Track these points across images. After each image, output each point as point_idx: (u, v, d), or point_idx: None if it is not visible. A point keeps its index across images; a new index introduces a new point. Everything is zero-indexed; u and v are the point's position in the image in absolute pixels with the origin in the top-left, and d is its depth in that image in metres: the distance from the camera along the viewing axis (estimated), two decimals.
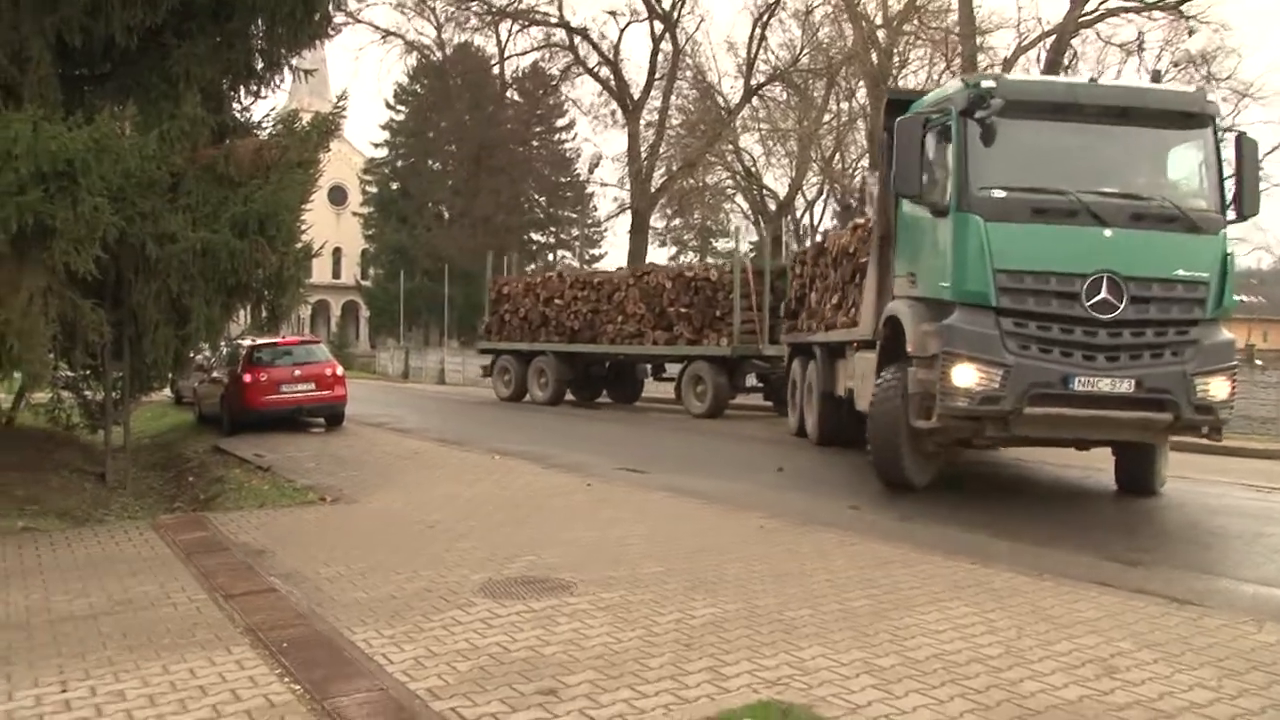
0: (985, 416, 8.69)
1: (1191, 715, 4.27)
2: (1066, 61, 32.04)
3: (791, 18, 37.35)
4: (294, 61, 12.79)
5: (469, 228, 51.74)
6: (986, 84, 8.91)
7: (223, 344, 17.20)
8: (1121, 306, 8.51)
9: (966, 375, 8.55)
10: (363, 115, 74.84)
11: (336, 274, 69.29)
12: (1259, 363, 27.13)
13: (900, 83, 32.10)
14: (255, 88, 12.84)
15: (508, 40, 46.59)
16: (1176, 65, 32.93)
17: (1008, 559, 7.12)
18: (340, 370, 19.33)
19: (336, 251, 67.30)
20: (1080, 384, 8.47)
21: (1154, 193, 8.92)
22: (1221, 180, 8.96)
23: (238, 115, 12.99)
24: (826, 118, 38.58)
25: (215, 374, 19.45)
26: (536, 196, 61.30)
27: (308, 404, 18.27)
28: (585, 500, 9.69)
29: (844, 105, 38.41)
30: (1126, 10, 30.10)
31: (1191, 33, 29.33)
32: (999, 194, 8.85)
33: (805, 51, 37.00)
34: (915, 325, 9.19)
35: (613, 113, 42.75)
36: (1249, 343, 50.48)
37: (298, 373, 18.25)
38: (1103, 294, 8.50)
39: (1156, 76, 27.59)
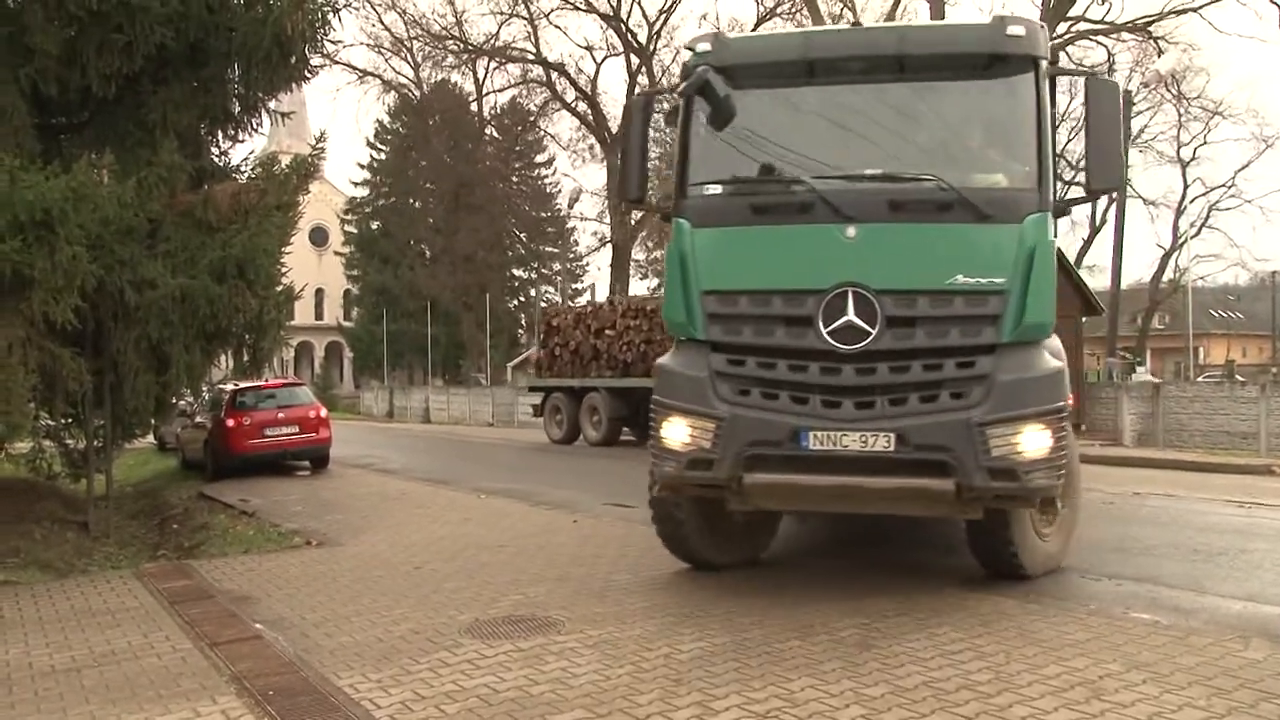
0: (701, 485, 6.54)
1: None
2: None
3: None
4: (271, 104, 12.82)
5: (450, 266, 51.86)
6: (702, 47, 6.70)
7: (205, 389, 17.12)
8: (874, 332, 6.04)
9: (676, 432, 6.44)
10: (343, 155, 75.37)
11: (319, 315, 69.24)
12: (1239, 379, 27.39)
13: None
14: (233, 132, 12.86)
15: (485, 77, 47.02)
16: (1147, 85, 33.51)
17: (995, 581, 7.12)
18: (324, 412, 19.27)
19: (319, 293, 67.33)
20: (816, 441, 6.11)
21: (928, 169, 6.23)
22: (1043, 144, 6.23)
23: (216, 160, 13.02)
24: None
25: (198, 419, 19.36)
26: (517, 232, 61.53)
27: (292, 447, 18.18)
28: (571, 537, 9.65)
29: None
30: (1097, 32, 30.62)
31: (1161, 53, 29.89)
32: (712, 190, 6.64)
33: None
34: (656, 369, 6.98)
35: (591, 147, 43.13)
36: (1229, 359, 51.02)
37: (281, 416, 18.19)
38: (847, 316, 6.07)
39: (1127, 97, 27.96)
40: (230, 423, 17.66)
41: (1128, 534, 9.17)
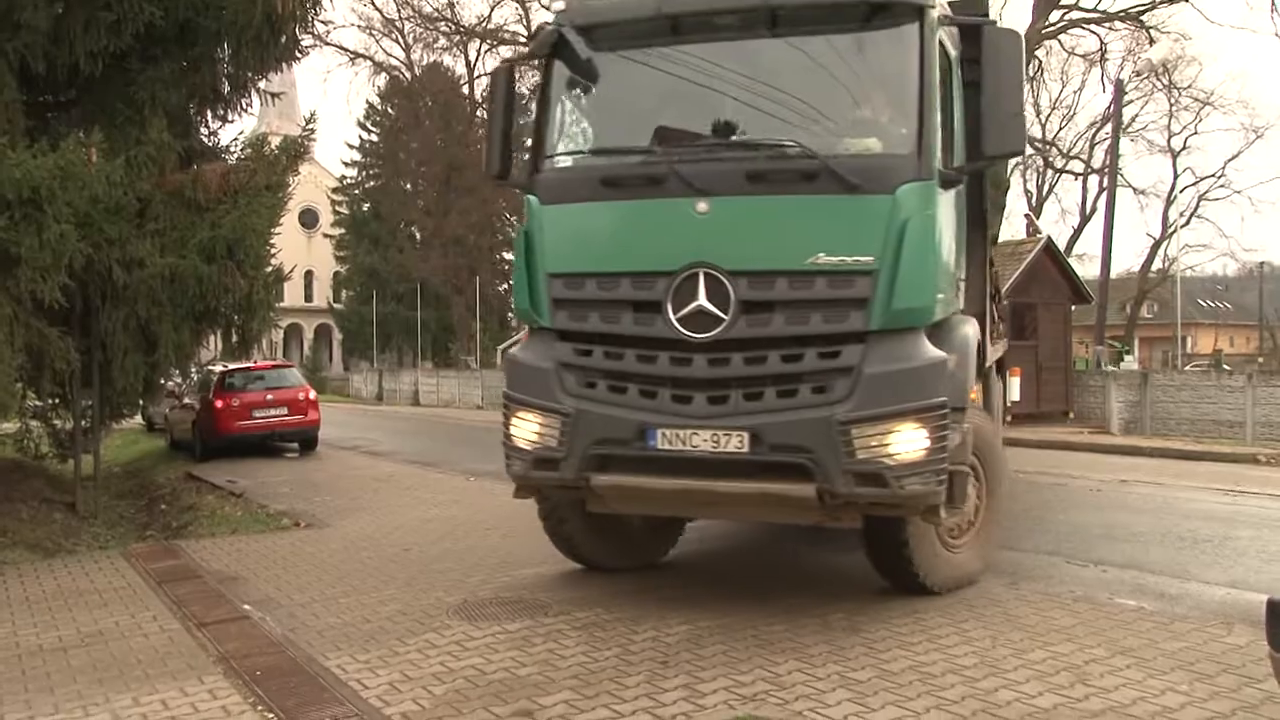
0: (550, 487, 6.09)
1: None
2: (1032, 72, 32.51)
3: None
4: (261, 85, 12.74)
5: (440, 248, 51.70)
6: (558, 5, 6.45)
7: (193, 369, 17.07)
8: (727, 319, 5.40)
9: (524, 428, 5.93)
10: (333, 137, 74.85)
11: (309, 297, 68.99)
12: (1226, 368, 27.52)
13: None
14: (222, 112, 12.79)
15: (477, 60, 46.76)
16: (1139, 74, 33.53)
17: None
18: (313, 394, 19.23)
19: (308, 274, 67.07)
20: (665, 440, 5.51)
21: (797, 135, 5.52)
22: (928, 104, 5.47)
23: (205, 140, 12.95)
24: None
25: (187, 400, 19.30)
26: (508, 215, 61.35)
27: (280, 429, 18.15)
28: None
29: None
30: (1088, 21, 30.61)
31: (1152, 42, 29.85)
32: (563, 163, 6.15)
33: None
34: None
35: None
36: (1216, 348, 51.22)
37: (270, 397, 18.15)
38: (698, 301, 5.44)
39: (1119, 86, 28.04)
40: (219, 404, 17.61)
41: (1114, 521, 9.22)
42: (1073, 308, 23.34)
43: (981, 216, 7.16)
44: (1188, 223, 42.73)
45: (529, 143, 6.25)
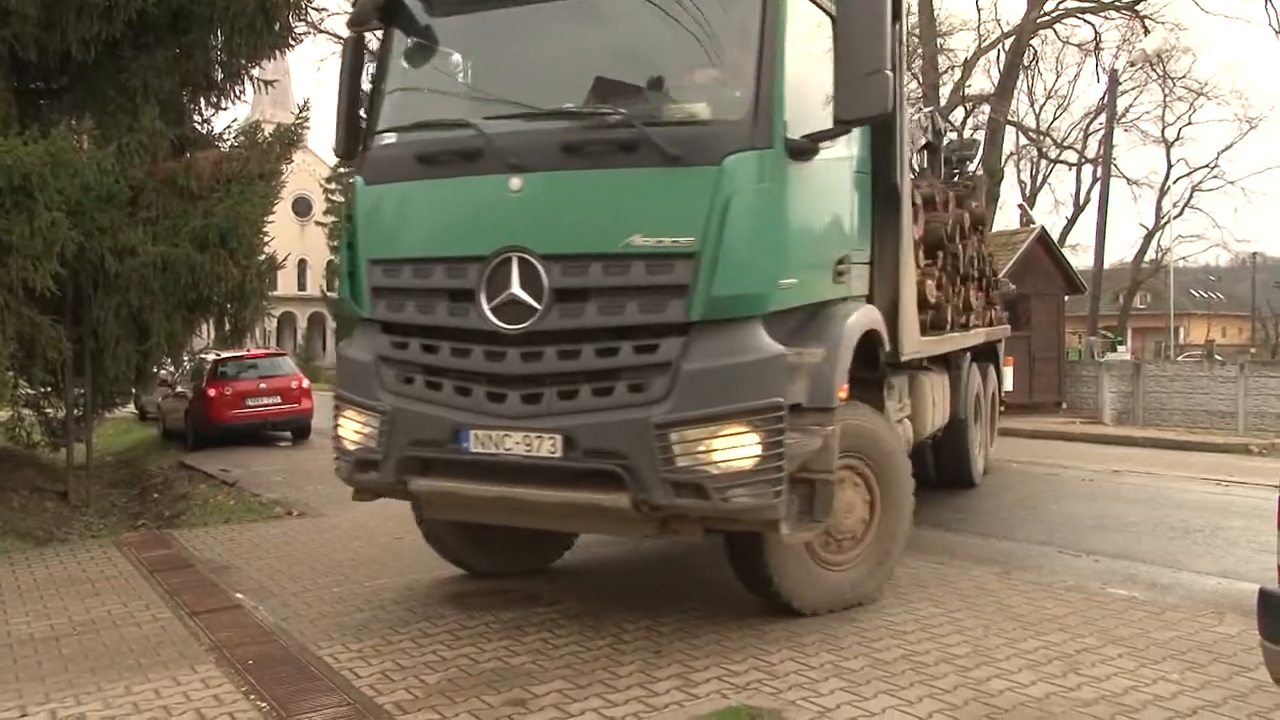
0: (373, 491, 5.81)
1: (1155, 709, 4.33)
2: (1026, 62, 32.52)
3: None
4: (255, 72, 12.65)
5: None
6: None
7: (186, 358, 17.03)
8: (540, 309, 4.91)
9: (347, 427, 5.58)
10: (327, 125, 74.55)
11: (302, 286, 68.77)
12: (1219, 358, 27.59)
13: None
14: (215, 99, 12.69)
15: None
16: (1133, 64, 33.54)
17: (975, 556, 7.19)
18: (306, 383, 19.20)
19: (302, 263, 66.81)
20: (478, 442, 5.06)
21: (621, 101, 4.99)
22: (768, 63, 4.86)
23: (198, 127, 12.84)
24: None
25: (179, 389, 19.24)
26: None
27: (274, 418, 18.11)
28: None
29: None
30: (1083, 10, 30.60)
31: (1147, 32, 29.85)
32: (387, 140, 5.68)
33: None
34: None
35: None
36: (1209, 339, 51.33)
37: (263, 386, 18.10)
38: (511, 289, 4.96)
39: (1114, 76, 28.01)
40: (212, 392, 17.56)
41: (1107, 511, 9.25)
42: (1066, 298, 23.35)
43: (892, 191, 6.39)
44: (1181, 213, 42.83)
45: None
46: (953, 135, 15.52)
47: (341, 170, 62.26)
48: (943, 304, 8.33)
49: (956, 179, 12.51)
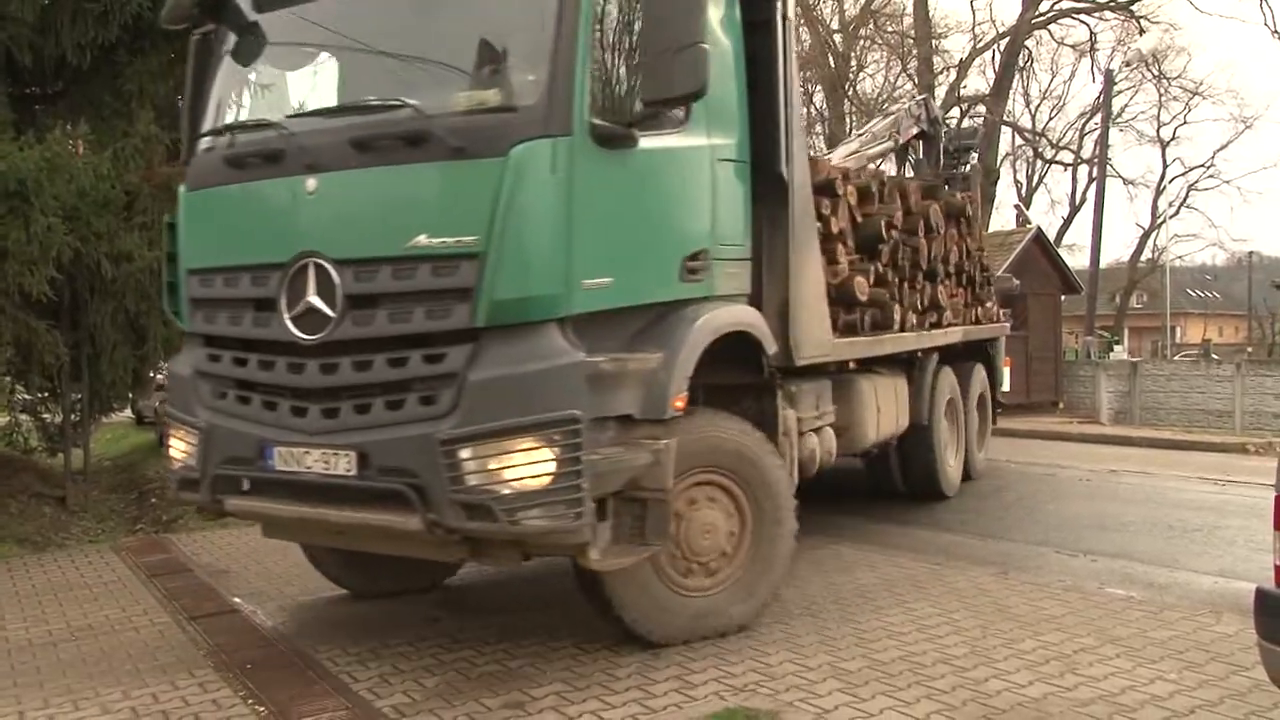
0: (202, 510, 5.49)
1: (1153, 708, 4.34)
2: (1021, 63, 32.58)
3: None
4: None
5: None
6: None
7: None
8: (335, 317, 4.62)
9: (175, 444, 5.30)
10: None
11: None
12: (1215, 358, 27.65)
13: (858, 87, 32.35)
14: None
15: None
16: (1128, 64, 33.60)
17: (973, 557, 7.20)
18: None
19: None
20: (281, 460, 4.78)
21: (417, 91, 4.62)
22: (566, 43, 4.51)
23: None
24: None
25: None
26: None
27: None
28: None
29: (802, 110, 38.70)
30: (1078, 11, 30.67)
31: (1142, 32, 29.94)
32: (205, 143, 5.38)
33: None
34: None
35: None
36: (1205, 338, 51.36)
37: None
38: (308, 297, 4.68)
39: (1109, 76, 28.05)
40: None
41: (1104, 511, 9.26)
42: (1063, 298, 23.40)
43: (778, 183, 5.90)
44: (1177, 213, 42.88)
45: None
46: (968, 124, 15.39)
47: None
48: (887, 302, 7.89)
49: (957, 169, 12.42)
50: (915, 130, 12.05)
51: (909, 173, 12.16)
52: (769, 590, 5.56)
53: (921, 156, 12.22)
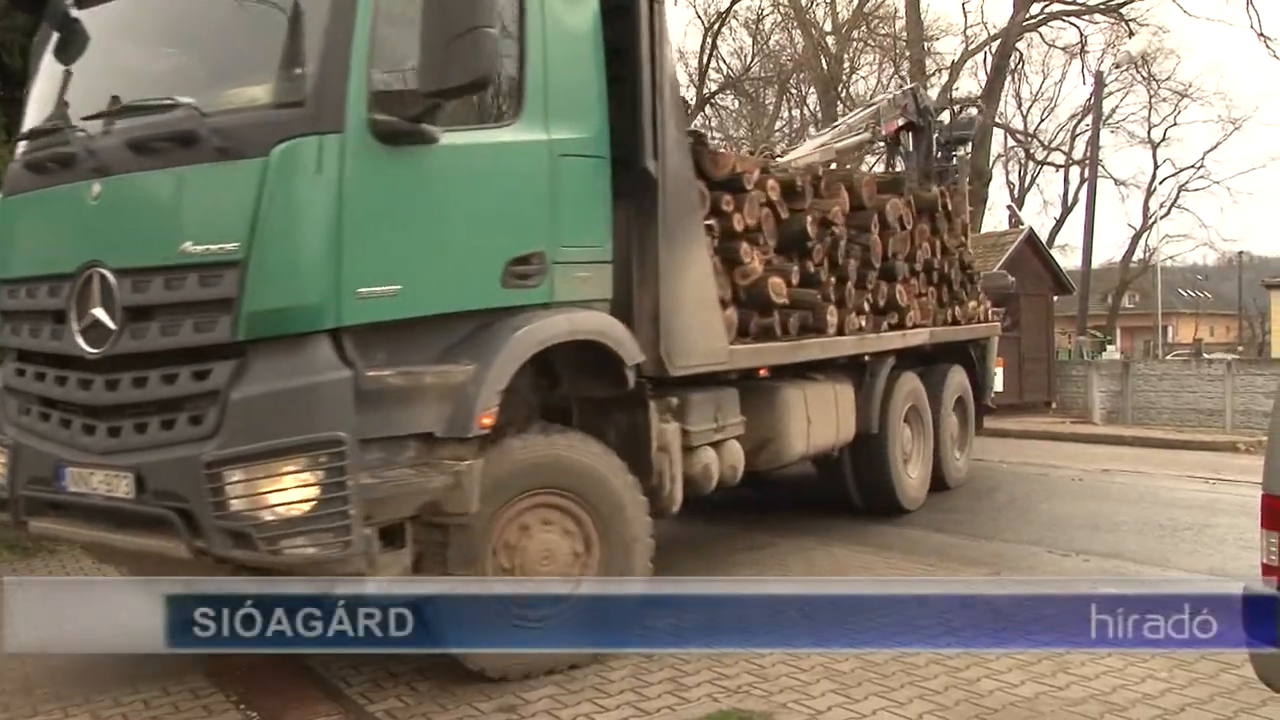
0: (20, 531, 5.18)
1: (1144, 706, 4.36)
2: (1013, 65, 32.65)
3: (742, 26, 37.62)
4: None
5: None
6: None
7: None
8: (115, 329, 4.36)
9: None
10: None
11: None
12: (1207, 357, 27.75)
13: (850, 89, 32.41)
14: None
15: None
16: (1118, 67, 33.69)
17: (965, 558, 7.21)
18: None
19: None
20: (73, 480, 4.50)
21: (200, 88, 4.41)
22: (342, 34, 4.21)
23: None
24: (778, 124, 38.90)
25: None
26: None
27: None
28: None
29: (795, 112, 38.74)
30: (1068, 14, 30.74)
31: (1132, 35, 29.96)
32: (20, 148, 5.16)
33: (756, 59, 37.28)
34: None
35: None
36: (1197, 338, 51.50)
37: None
38: (93, 309, 4.41)
39: (1100, 78, 28.16)
40: None
41: (1097, 510, 9.28)
42: (1055, 298, 23.45)
43: (646, 179, 5.44)
44: (1168, 213, 42.94)
45: None
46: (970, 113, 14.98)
47: None
48: (818, 304, 7.34)
49: (954, 160, 11.83)
50: (901, 121, 11.61)
51: (900, 165, 11.88)
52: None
53: (911, 149, 11.74)
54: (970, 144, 12.79)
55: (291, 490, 4.00)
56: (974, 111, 24.91)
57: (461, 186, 4.59)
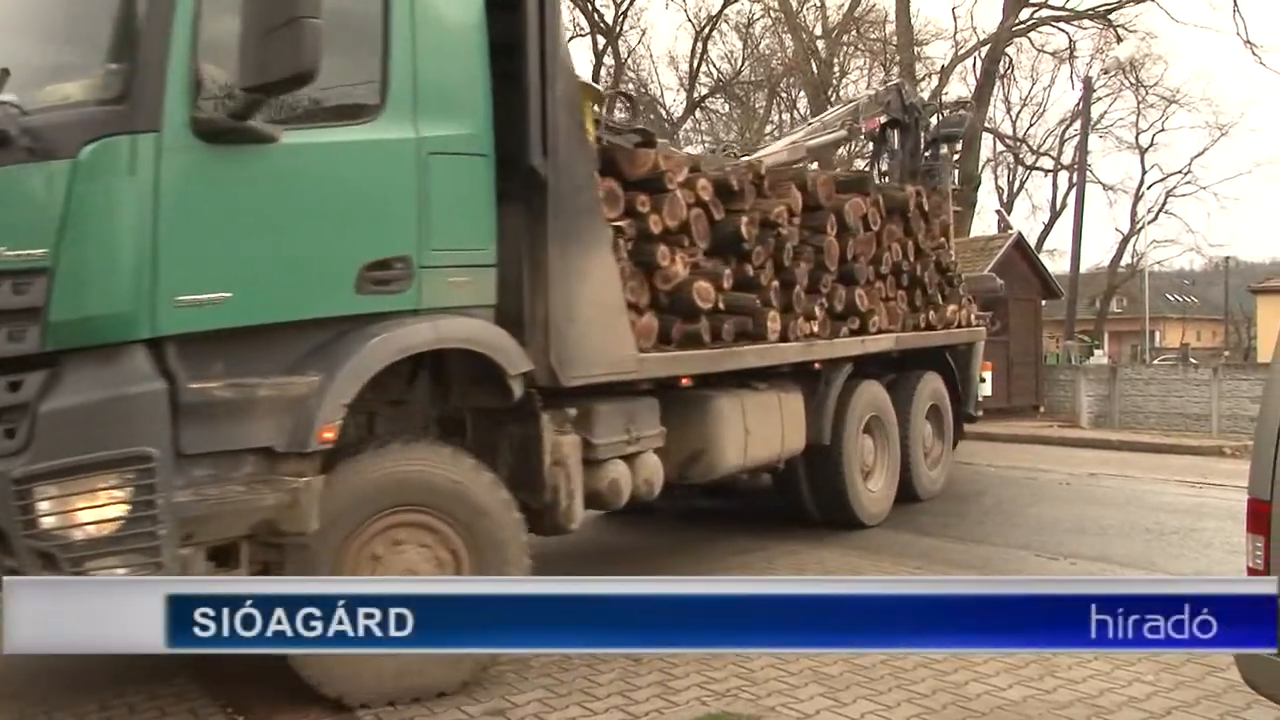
0: None
1: (1130, 710, 4.38)
2: (1002, 70, 32.77)
3: (732, 30, 37.72)
4: None
5: None
6: None
7: None
8: None
9: None
10: None
11: None
12: (1194, 362, 27.89)
13: (840, 93, 32.46)
14: None
15: None
16: (1106, 72, 33.86)
17: (953, 561, 7.24)
18: None
19: None
20: None
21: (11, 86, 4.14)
22: (159, 26, 4.01)
23: None
24: (768, 128, 38.98)
25: None
26: None
27: None
28: None
29: (785, 116, 38.84)
30: (1057, 19, 30.84)
31: (1120, 40, 30.13)
32: None
33: (746, 63, 37.38)
34: None
35: None
36: (1184, 342, 51.76)
37: None
38: None
39: (1088, 83, 28.32)
40: None
41: (1084, 514, 9.32)
42: (1043, 303, 23.53)
43: (534, 179, 5.15)
44: (1155, 218, 43.13)
45: None
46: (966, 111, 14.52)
47: None
48: (757, 309, 6.96)
49: (938, 159, 11.46)
50: (884, 118, 11.27)
51: (889, 163, 11.42)
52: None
53: (897, 146, 11.34)
54: (960, 141, 12.37)
55: (100, 508, 3.83)
56: (964, 112, 24.87)
57: (305, 188, 4.35)
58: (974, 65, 32.01)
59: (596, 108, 8.07)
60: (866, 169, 12.79)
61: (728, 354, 6.69)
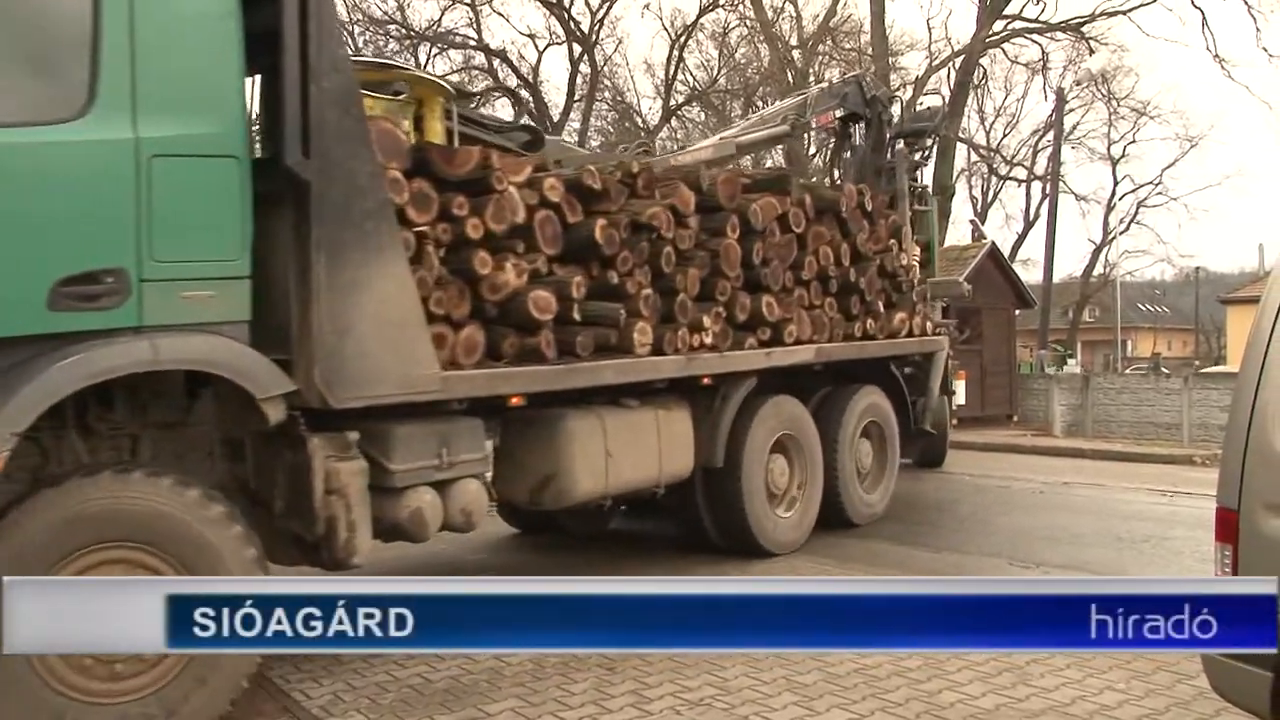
0: None
1: (1102, 717, 4.40)
2: (976, 81, 33.05)
3: (709, 39, 37.86)
4: None
5: None
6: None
7: None
8: None
9: None
10: None
11: None
12: (1165, 371, 28.17)
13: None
14: None
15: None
16: (1079, 84, 34.24)
17: (927, 570, 7.26)
18: None
19: None
20: None
21: None
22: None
23: None
24: None
25: None
26: None
27: None
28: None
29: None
30: (1031, 31, 31.15)
31: (1092, 53, 30.51)
32: None
33: (722, 72, 37.52)
34: None
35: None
36: (1155, 352, 52.27)
37: None
38: None
39: (1061, 94, 28.59)
40: None
41: (1056, 523, 9.38)
42: (1017, 312, 23.72)
43: (295, 181, 4.70)
44: (1127, 229, 43.55)
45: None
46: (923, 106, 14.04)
47: None
48: (624, 321, 6.34)
49: (898, 154, 10.69)
50: (839, 112, 10.68)
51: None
52: (206, 712, 4.27)
53: (859, 142, 10.82)
54: (931, 137, 11.66)
55: None
56: (936, 105, 24.84)
57: None
58: (948, 76, 32.22)
59: (448, 104, 7.85)
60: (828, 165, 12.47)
61: (574, 370, 6.05)
